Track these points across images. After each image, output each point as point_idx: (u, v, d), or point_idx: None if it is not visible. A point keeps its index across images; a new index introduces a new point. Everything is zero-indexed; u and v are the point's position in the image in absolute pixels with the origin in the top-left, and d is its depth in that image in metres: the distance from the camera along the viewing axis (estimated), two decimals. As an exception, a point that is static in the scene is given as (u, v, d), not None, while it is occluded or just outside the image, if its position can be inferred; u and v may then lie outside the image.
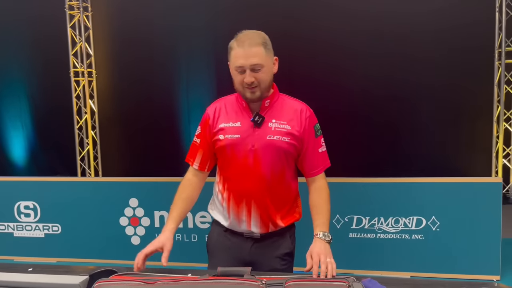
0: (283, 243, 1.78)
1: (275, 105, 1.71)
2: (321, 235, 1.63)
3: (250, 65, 1.58)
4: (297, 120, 1.70)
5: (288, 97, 1.78)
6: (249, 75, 1.59)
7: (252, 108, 1.70)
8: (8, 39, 4.86)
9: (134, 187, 3.68)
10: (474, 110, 4.26)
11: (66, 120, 4.85)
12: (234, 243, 1.78)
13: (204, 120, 1.79)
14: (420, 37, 4.16)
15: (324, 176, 1.78)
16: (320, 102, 4.08)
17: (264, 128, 1.67)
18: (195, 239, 3.55)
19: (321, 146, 1.76)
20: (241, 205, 1.71)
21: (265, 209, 1.71)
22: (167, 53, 4.66)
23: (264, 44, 1.62)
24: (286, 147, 1.67)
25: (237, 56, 1.59)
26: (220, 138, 1.70)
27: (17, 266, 1.59)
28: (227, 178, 1.74)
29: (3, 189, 3.83)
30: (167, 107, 4.73)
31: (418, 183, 3.28)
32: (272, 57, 1.67)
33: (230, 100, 1.77)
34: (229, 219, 1.76)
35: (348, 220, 3.32)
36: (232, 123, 1.70)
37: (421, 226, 3.23)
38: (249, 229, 1.74)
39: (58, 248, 3.73)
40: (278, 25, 4.18)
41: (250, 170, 1.68)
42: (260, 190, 1.69)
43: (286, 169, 1.72)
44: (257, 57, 1.58)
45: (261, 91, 1.63)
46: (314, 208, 1.73)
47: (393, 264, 3.28)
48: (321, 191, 1.75)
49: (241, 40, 1.60)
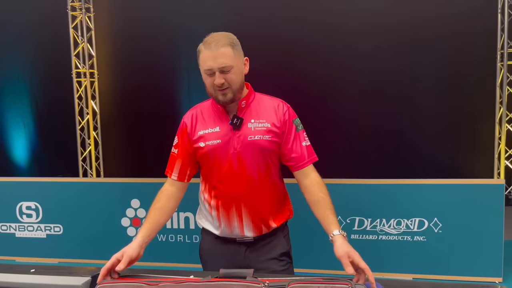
0: (277, 244, 1.75)
1: (251, 105, 1.69)
2: (338, 232, 1.54)
3: (219, 67, 1.54)
4: (275, 117, 1.67)
5: (264, 95, 1.75)
6: (219, 77, 1.55)
7: (228, 111, 1.67)
8: (11, 40, 4.87)
9: (135, 188, 3.68)
10: (476, 112, 4.25)
11: (68, 120, 4.85)
12: (227, 250, 1.74)
13: (181, 129, 1.74)
14: (422, 38, 4.15)
15: (314, 169, 1.72)
16: (322, 104, 4.10)
17: (244, 129, 1.64)
18: (196, 240, 3.54)
19: (304, 140, 1.71)
20: (231, 211, 1.68)
21: (256, 211, 1.68)
22: (169, 54, 4.67)
23: (231, 45, 1.58)
24: (269, 145, 1.65)
25: (205, 59, 1.56)
26: (201, 145, 1.66)
27: (19, 267, 1.59)
28: (214, 186, 1.70)
29: (5, 190, 3.83)
30: (169, 108, 4.74)
31: (420, 184, 3.27)
32: (242, 57, 1.64)
33: (206, 106, 1.74)
34: (220, 227, 1.72)
35: (350, 221, 3.31)
36: (211, 129, 1.67)
37: (423, 227, 3.22)
38: (242, 234, 1.70)
39: (60, 249, 3.73)
40: (283, 25, 4.18)
41: (236, 174, 1.65)
42: (249, 192, 1.66)
43: (272, 168, 1.70)
44: (225, 57, 1.55)
45: (232, 92, 1.59)
46: (319, 204, 1.64)
47: (395, 266, 3.27)
48: (320, 185, 1.67)
49: (208, 42, 1.57)
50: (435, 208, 3.20)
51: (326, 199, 1.65)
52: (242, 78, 1.65)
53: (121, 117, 4.94)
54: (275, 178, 1.72)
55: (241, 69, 1.63)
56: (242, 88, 1.65)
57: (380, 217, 3.29)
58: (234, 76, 1.58)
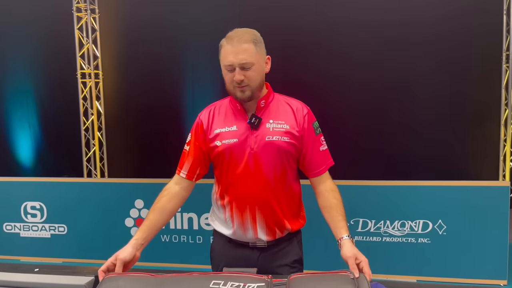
0: (291, 250, 1.71)
1: (270, 105, 1.65)
2: (348, 236, 1.54)
3: (239, 63, 1.51)
4: (295, 119, 1.64)
5: (284, 96, 1.72)
6: (238, 73, 1.51)
7: (247, 110, 1.63)
8: (16, 41, 4.90)
9: (139, 188, 3.69)
10: (481, 113, 4.23)
11: (73, 121, 4.87)
12: (239, 254, 1.69)
13: (196, 127, 1.71)
14: (426, 38, 4.14)
15: (329, 176, 1.71)
16: (327, 104, 4.09)
17: (262, 129, 1.60)
18: (200, 240, 3.54)
19: (321, 144, 1.69)
20: (245, 212, 1.64)
21: (270, 214, 1.63)
22: (174, 55, 4.68)
23: (254, 42, 1.54)
24: (287, 146, 1.61)
25: (226, 54, 1.53)
26: (217, 144, 1.63)
27: (24, 266, 1.60)
28: (228, 186, 1.66)
29: (10, 190, 3.86)
30: (174, 109, 4.75)
31: (424, 186, 3.26)
32: (264, 55, 1.60)
33: (224, 103, 1.70)
34: (233, 228, 1.67)
35: (353, 223, 3.30)
36: (228, 128, 1.63)
37: (428, 229, 3.21)
38: (256, 237, 1.65)
39: (64, 249, 3.75)
40: (289, 22, 4.18)
41: (252, 174, 1.60)
42: (264, 194, 1.62)
43: (288, 170, 1.66)
44: (246, 54, 1.51)
45: (251, 90, 1.55)
46: (331, 210, 1.62)
47: (399, 268, 3.26)
48: (334, 192, 1.65)
49: (231, 37, 1.54)
50: (440, 210, 3.19)
51: (339, 205, 1.63)
52: (263, 76, 1.61)
53: (126, 117, 4.96)
54: (291, 181, 1.68)
55: (262, 67, 1.59)
56: (261, 86, 1.62)
57: (384, 219, 3.28)
58: (254, 73, 1.55)
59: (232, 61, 1.51)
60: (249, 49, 1.52)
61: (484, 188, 3.22)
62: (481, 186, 3.23)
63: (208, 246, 1.86)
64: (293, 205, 1.72)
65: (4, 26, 4.90)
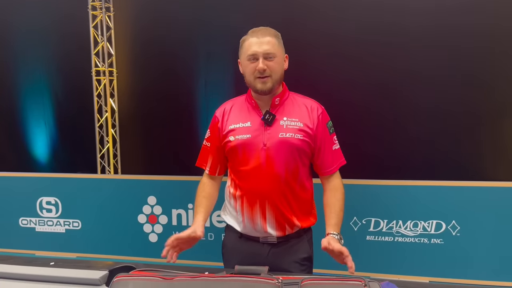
0: (301, 247, 1.73)
1: (285, 103, 1.68)
2: (334, 234, 1.63)
3: (263, 52, 1.57)
4: (309, 118, 1.66)
5: (298, 95, 1.75)
6: (262, 62, 1.57)
7: (261, 107, 1.67)
8: (33, 39, 4.97)
9: (152, 185, 3.72)
10: (498, 110, 4.14)
11: (87, 118, 4.93)
12: (250, 249, 1.73)
13: (213, 123, 1.76)
14: (438, 29, 4.05)
15: (339, 175, 1.75)
16: (338, 103, 4.07)
17: (276, 126, 1.63)
18: (211, 237, 3.57)
19: (334, 143, 1.72)
20: (255, 207, 1.67)
21: (280, 209, 1.66)
22: (187, 53, 4.70)
23: (276, 36, 1.63)
24: (300, 144, 1.63)
25: (251, 44, 1.60)
26: (231, 139, 1.67)
27: (39, 260, 1.63)
28: (240, 180, 1.70)
29: (27, 185, 3.93)
30: (187, 107, 4.76)
31: (438, 186, 3.23)
32: (284, 51, 1.67)
33: (239, 101, 1.75)
34: (243, 222, 1.71)
35: (365, 222, 3.28)
36: (242, 123, 1.67)
37: (441, 230, 3.18)
38: (265, 231, 1.68)
39: (78, 244, 3.80)
40: (299, 17, 4.15)
41: (263, 170, 1.63)
42: (275, 190, 1.64)
43: (301, 167, 1.67)
44: (270, 45, 1.59)
45: (272, 82, 1.60)
46: (328, 208, 1.70)
47: (411, 268, 3.24)
48: (336, 191, 1.72)
49: (254, 31, 1.63)
50: (454, 210, 3.16)
51: (335, 204, 1.69)
52: (282, 71, 1.66)
53: (139, 115, 4.99)
54: (303, 178, 1.70)
55: (282, 62, 1.65)
56: (281, 81, 1.67)
57: (396, 219, 3.25)
58: (276, 65, 1.61)
59: (256, 51, 1.58)
60: (272, 41, 1.60)
61: (500, 189, 3.17)
62: (497, 187, 3.19)
63: (219, 244, 1.88)
64: (304, 202, 1.74)
65: (19, 25, 4.98)
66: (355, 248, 3.19)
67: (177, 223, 3.63)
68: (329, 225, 1.66)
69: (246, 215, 1.69)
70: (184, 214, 3.60)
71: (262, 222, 1.68)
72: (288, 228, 1.70)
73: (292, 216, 1.69)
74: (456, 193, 3.18)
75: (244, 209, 1.69)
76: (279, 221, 1.68)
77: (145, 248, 3.60)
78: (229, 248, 1.81)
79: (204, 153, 1.80)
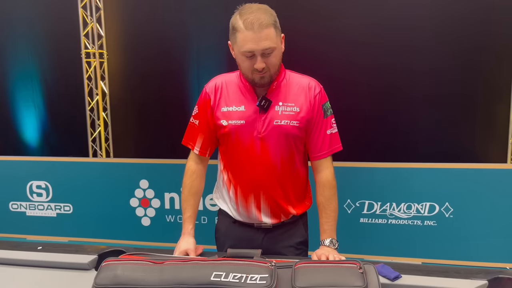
0: (296, 232, 1.69)
1: (282, 85, 1.57)
2: (327, 242, 1.57)
3: (262, 49, 1.42)
4: (305, 99, 1.56)
5: (295, 73, 1.63)
6: (260, 61, 1.43)
7: (257, 90, 1.56)
8: (19, 20, 4.85)
9: (144, 168, 3.69)
10: (491, 95, 4.14)
11: (78, 101, 4.85)
12: (244, 234, 1.67)
13: (203, 100, 1.63)
14: (432, 17, 4.02)
15: (330, 162, 1.63)
16: (335, 87, 4.03)
17: (271, 112, 1.54)
18: (205, 221, 3.55)
19: (330, 127, 1.61)
20: (249, 197, 1.61)
21: (275, 199, 1.60)
22: (179, 35, 4.61)
23: (274, 24, 1.45)
24: (295, 131, 1.55)
25: (246, 40, 1.42)
26: (223, 124, 1.57)
27: (27, 244, 1.60)
28: (233, 167, 1.63)
29: (16, 169, 3.87)
30: (179, 89, 4.69)
31: (431, 168, 3.23)
32: (281, 35, 1.51)
33: (231, 79, 1.62)
34: (237, 210, 1.66)
35: (359, 205, 3.28)
36: (236, 107, 1.56)
37: (434, 212, 3.19)
38: (260, 220, 1.63)
39: (70, 228, 3.78)
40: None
41: (258, 159, 1.56)
42: (269, 179, 1.58)
43: (296, 155, 1.60)
44: (268, 40, 1.42)
45: (270, 76, 1.49)
46: (319, 209, 1.62)
47: (404, 250, 3.25)
48: (325, 187, 1.61)
49: (250, 21, 1.40)
50: (447, 192, 3.16)
51: (326, 205, 1.61)
52: (281, 58, 1.54)
53: (131, 98, 4.92)
54: (298, 165, 1.63)
55: (280, 50, 1.51)
56: (280, 69, 1.55)
57: (390, 201, 3.25)
58: (275, 59, 1.48)
59: (254, 49, 1.42)
60: (270, 34, 1.43)
61: (492, 170, 3.18)
62: (489, 169, 3.19)
63: (213, 227, 1.84)
64: (299, 190, 1.68)
65: (7, 6, 4.85)
66: (349, 230, 3.19)
67: (170, 206, 3.61)
68: (323, 232, 1.59)
69: (240, 204, 1.64)
70: (177, 198, 3.57)
71: (256, 212, 1.63)
72: (284, 216, 1.65)
73: (288, 205, 1.64)
74: (449, 175, 3.18)
75: (238, 198, 1.64)
76: (274, 211, 1.63)
77: (137, 232, 3.58)
78: (223, 233, 1.75)
79: (192, 131, 1.67)
